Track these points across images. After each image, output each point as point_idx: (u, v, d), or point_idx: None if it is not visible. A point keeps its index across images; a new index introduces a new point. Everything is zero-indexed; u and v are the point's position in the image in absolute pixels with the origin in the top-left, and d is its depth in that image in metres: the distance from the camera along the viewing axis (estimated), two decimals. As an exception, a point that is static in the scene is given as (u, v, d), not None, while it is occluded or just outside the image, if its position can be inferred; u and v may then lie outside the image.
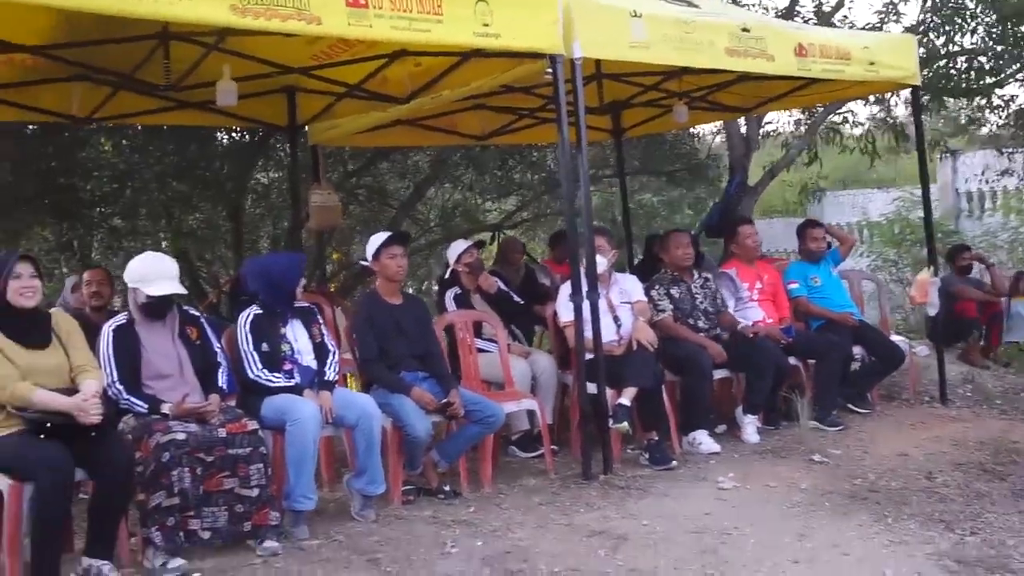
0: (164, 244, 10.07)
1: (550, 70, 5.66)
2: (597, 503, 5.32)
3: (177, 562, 4.29)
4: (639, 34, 6.02)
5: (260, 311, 5.09)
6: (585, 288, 5.70)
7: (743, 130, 10.67)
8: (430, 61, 6.71)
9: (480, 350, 6.35)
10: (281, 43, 6.05)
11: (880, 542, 4.66)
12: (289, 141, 8.15)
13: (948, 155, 18.08)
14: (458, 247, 6.67)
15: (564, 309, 6.36)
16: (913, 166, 19.78)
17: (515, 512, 5.19)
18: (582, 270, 5.78)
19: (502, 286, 6.75)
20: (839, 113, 10.36)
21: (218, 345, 4.93)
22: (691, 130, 11.94)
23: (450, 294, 6.58)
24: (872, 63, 7.14)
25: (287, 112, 7.86)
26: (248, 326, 5.02)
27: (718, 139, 13.11)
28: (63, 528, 3.99)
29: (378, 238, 5.57)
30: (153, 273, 4.68)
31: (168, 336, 4.75)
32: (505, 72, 6.22)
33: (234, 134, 9.21)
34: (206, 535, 4.42)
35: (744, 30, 6.52)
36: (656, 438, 6.04)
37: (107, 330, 4.65)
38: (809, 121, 11.11)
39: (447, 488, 5.49)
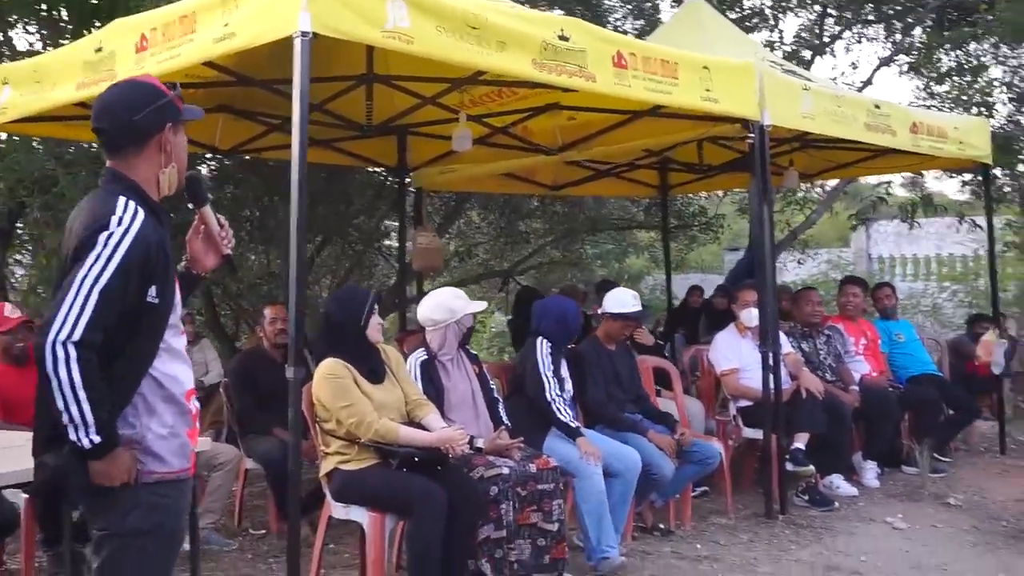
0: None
1: (752, 134, 6.11)
2: (803, 541, 5.71)
3: (509, 594, 4.43)
4: (807, 106, 6.52)
5: (551, 344, 5.29)
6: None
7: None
8: (587, 116, 7.04)
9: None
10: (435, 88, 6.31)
11: (1072, 579, 5.19)
12: (398, 182, 8.27)
13: (861, 224, 19.27)
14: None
15: (722, 358, 6.76)
16: (829, 229, 20.89)
17: (739, 548, 5.53)
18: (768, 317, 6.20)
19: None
20: (881, 184, 11.19)
21: (493, 381, 5.09)
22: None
23: None
24: (962, 142, 7.87)
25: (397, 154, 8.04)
26: (549, 356, 5.21)
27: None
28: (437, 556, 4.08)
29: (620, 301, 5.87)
30: (460, 299, 4.92)
31: (463, 370, 4.90)
32: (681, 132, 6.69)
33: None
34: (514, 567, 4.57)
35: (876, 107, 7.11)
36: (813, 481, 6.46)
37: (414, 363, 4.76)
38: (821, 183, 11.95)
39: (661, 526, 5.76)
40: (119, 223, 2.48)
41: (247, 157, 7.94)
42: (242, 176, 8.33)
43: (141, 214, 2.53)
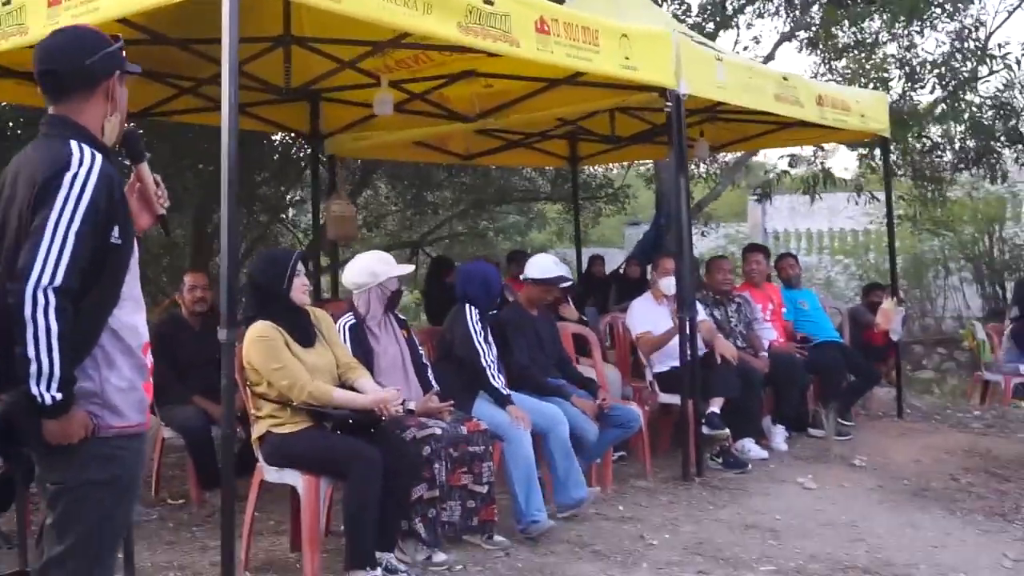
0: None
1: (669, 103, 6.18)
2: (720, 502, 5.86)
3: (441, 556, 4.43)
4: (721, 76, 6.64)
5: (478, 309, 5.28)
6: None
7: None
8: (504, 84, 7.03)
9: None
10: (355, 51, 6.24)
11: (973, 532, 5.43)
12: (311, 150, 8.15)
13: (764, 198, 19.72)
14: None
15: (638, 323, 6.86)
16: (726, 204, 21.28)
17: (660, 509, 5.65)
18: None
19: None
20: (783, 157, 11.47)
21: (422, 347, 5.08)
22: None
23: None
24: (863, 115, 8.10)
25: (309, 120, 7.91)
26: (479, 323, 5.21)
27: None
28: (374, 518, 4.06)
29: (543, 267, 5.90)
30: (384, 262, 4.91)
31: (391, 334, 4.88)
32: (598, 100, 6.74)
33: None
34: (445, 527, 4.59)
35: (784, 79, 7.27)
36: (727, 445, 6.63)
37: (343, 327, 4.71)
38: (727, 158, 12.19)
39: (584, 489, 5.83)
40: (80, 163, 2.45)
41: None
42: (150, 140, 8.10)
43: (98, 155, 2.50)
